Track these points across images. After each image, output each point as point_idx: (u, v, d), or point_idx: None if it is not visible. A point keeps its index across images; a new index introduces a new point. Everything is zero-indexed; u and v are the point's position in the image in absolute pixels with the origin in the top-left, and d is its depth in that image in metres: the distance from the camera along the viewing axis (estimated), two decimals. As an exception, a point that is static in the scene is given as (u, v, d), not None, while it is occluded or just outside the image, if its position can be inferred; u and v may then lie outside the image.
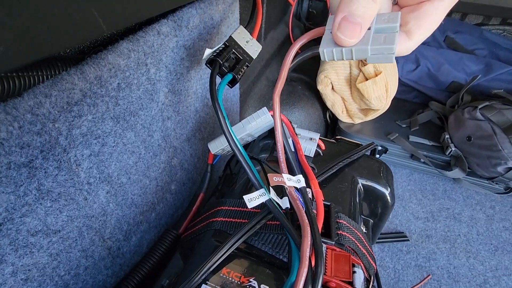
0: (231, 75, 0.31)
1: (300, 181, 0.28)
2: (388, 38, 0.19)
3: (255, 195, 0.26)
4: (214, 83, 0.29)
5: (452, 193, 0.82)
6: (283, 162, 0.28)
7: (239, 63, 0.32)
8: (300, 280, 0.20)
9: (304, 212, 0.25)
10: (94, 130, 0.24)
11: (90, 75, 0.22)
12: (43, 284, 0.22)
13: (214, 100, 0.28)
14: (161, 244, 0.34)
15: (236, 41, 0.33)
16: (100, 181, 0.26)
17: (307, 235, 0.23)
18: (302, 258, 0.21)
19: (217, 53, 0.31)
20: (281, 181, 0.26)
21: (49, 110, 0.19)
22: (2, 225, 0.18)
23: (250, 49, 0.34)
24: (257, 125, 0.35)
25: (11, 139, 0.17)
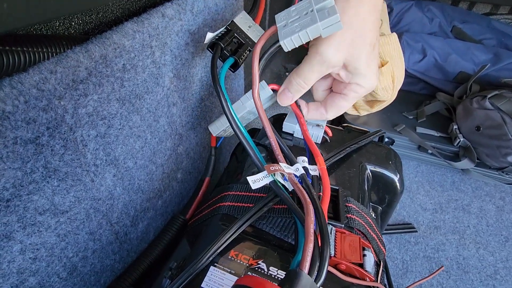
0: (232, 58, 0.31)
1: (299, 169, 0.28)
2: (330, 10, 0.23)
3: (258, 177, 0.26)
4: (215, 66, 0.29)
5: (461, 185, 0.81)
6: (279, 154, 0.29)
7: (241, 48, 0.32)
8: (307, 256, 0.20)
9: (306, 192, 0.25)
10: (100, 110, 0.24)
11: (95, 54, 0.22)
12: (51, 264, 0.22)
13: (215, 82, 0.28)
14: (169, 230, 0.33)
15: (238, 25, 0.33)
16: (107, 163, 0.26)
17: (310, 212, 0.23)
18: (307, 235, 0.21)
19: (219, 37, 0.31)
20: (279, 169, 0.27)
21: (54, 87, 0.19)
22: (10, 201, 0.18)
23: (253, 34, 0.34)
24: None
25: (17, 113, 0.17)
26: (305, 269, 0.19)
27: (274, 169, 0.27)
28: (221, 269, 0.25)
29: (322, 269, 0.20)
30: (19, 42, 0.18)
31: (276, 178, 0.27)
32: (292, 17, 0.25)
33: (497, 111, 0.73)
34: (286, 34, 0.25)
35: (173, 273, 0.26)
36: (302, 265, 0.19)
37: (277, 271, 0.25)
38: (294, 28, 0.24)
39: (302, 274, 0.19)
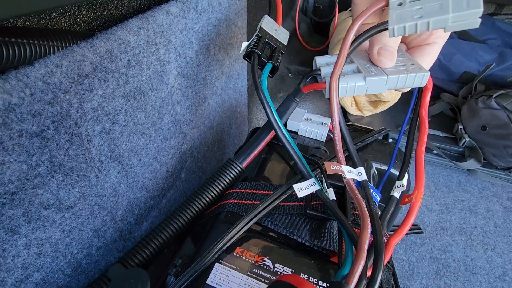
0: (271, 64, 0.31)
1: (361, 174, 0.25)
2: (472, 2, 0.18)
3: (304, 185, 0.26)
4: (256, 74, 0.29)
5: (467, 185, 0.80)
6: (340, 151, 0.25)
7: (274, 52, 0.32)
8: (356, 272, 0.19)
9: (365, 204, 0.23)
10: (105, 106, 0.24)
11: (100, 49, 0.22)
12: (56, 260, 0.22)
13: (258, 90, 0.27)
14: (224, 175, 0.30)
15: (267, 30, 0.33)
16: (111, 160, 0.26)
17: (367, 227, 0.21)
18: (360, 251, 0.20)
19: (253, 45, 0.31)
20: (339, 170, 0.24)
21: (60, 80, 0.19)
22: (15, 194, 0.18)
23: (281, 36, 0.34)
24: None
25: (22, 106, 0.17)
26: (351, 285, 0.18)
27: (334, 169, 0.24)
28: (227, 266, 0.25)
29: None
30: (25, 34, 0.18)
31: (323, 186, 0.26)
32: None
33: (503, 110, 0.72)
34: (402, 18, 0.19)
35: (178, 270, 0.26)
36: (349, 280, 0.18)
37: (282, 268, 0.25)
38: (414, 13, 0.19)
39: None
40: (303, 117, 0.41)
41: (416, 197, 0.25)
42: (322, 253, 0.27)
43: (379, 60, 0.24)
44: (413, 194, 0.26)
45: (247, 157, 0.33)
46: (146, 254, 0.25)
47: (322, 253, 0.27)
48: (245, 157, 0.33)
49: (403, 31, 0.19)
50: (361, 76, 0.24)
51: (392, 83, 0.24)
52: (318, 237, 0.27)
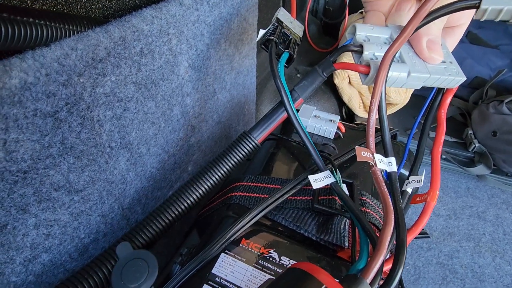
0: (287, 53, 0.31)
1: (392, 164, 0.23)
2: None
3: (320, 176, 0.25)
4: (274, 61, 0.28)
5: (476, 191, 0.79)
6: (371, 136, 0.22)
7: (290, 42, 0.32)
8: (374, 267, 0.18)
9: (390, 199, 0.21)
10: (117, 92, 0.24)
11: (114, 35, 0.22)
12: (64, 243, 0.22)
13: (276, 78, 0.26)
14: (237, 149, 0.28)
15: (283, 21, 0.33)
16: (121, 147, 0.26)
17: (390, 222, 0.20)
18: (381, 245, 0.18)
19: (270, 33, 0.31)
20: (369, 158, 0.22)
21: (75, 63, 0.19)
22: (27, 173, 0.18)
23: (296, 28, 0.34)
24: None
25: (38, 85, 0.17)
26: (368, 279, 0.18)
27: (365, 156, 0.22)
28: (232, 257, 0.24)
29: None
30: (42, 16, 0.18)
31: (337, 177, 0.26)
32: None
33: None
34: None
35: (184, 259, 0.26)
36: (366, 274, 0.18)
37: (288, 260, 0.25)
38: None
39: (363, 282, 0.17)
40: (311, 114, 0.41)
41: (432, 197, 0.25)
42: (329, 248, 0.26)
43: (430, 58, 0.22)
44: (428, 194, 0.25)
45: (262, 132, 0.29)
46: (154, 231, 0.24)
47: (328, 248, 0.26)
48: (260, 131, 0.29)
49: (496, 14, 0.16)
50: (406, 68, 0.21)
51: (430, 82, 0.22)
52: (326, 232, 0.27)
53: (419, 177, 0.29)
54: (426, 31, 0.22)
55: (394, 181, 0.24)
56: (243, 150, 0.28)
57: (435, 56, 0.22)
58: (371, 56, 0.22)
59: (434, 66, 0.22)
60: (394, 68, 0.22)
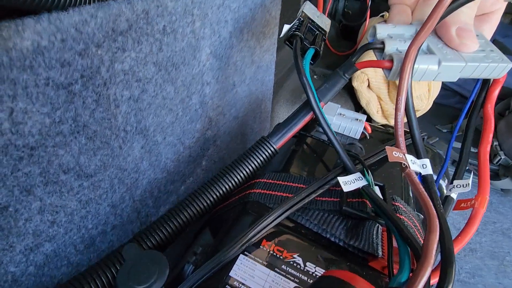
0: (313, 49, 0.29)
1: (426, 166, 0.22)
2: None
3: (350, 179, 0.23)
4: (299, 57, 0.26)
5: (500, 206, 0.74)
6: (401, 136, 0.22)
7: (316, 38, 0.30)
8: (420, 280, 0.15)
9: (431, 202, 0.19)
10: (136, 71, 0.22)
11: (137, 7, 0.20)
12: (69, 232, 0.20)
13: (301, 75, 0.25)
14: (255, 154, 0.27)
15: (309, 15, 0.31)
16: (137, 132, 0.24)
17: (435, 228, 0.17)
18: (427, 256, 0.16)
19: (295, 28, 0.29)
20: (402, 159, 0.21)
21: (93, 31, 0.17)
22: (34, 150, 0.16)
23: (322, 23, 0.32)
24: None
25: (52, 51, 0.15)
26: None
27: (397, 157, 0.21)
28: (252, 259, 0.22)
29: None
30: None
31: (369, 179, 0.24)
32: None
33: (546, 127, 0.67)
34: None
35: (198, 258, 0.23)
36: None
37: (314, 268, 0.22)
38: None
39: None
40: (336, 112, 0.39)
41: (481, 202, 0.22)
42: (359, 256, 0.24)
43: (462, 44, 0.21)
44: (475, 199, 0.22)
45: (282, 137, 0.28)
46: (164, 235, 0.22)
47: (358, 255, 0.24)
48: (280, 136, 0.28)
49: None
50: (435, 59, 0.20)
51: (469, 71, 0.20)
52: (355, 237, 0.24)
53: (465, 181, 0.26)
54: (454, 19, 0.21)
55: (431, 184, 0.22)
56: (261, 156, 0.27)
57: (467, 43, 0.20)
58: (394, 50, 0.21)
59: (471, 54, 0.20)
60: (422, 60, 0.20)
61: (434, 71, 0.20)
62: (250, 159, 0.26)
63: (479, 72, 0.20)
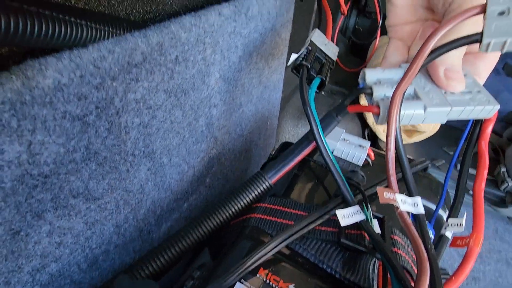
0: (319, 78, 0.30)
1: (418, 205, 0.22)
2: None
3: (348, 212, 0.23)
4: (305, 88, 0.27)
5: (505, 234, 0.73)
6: (392, 175, 0.22)
7: (323, 66, 0.31)
8: None
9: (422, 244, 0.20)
10: (147, 99, 0.23)
11: (152, 40, 0.21)
12: (74, 253, 0.21)
13: (306, 106, 0.25)
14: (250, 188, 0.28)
15: (317, 44, 0.32)
16: (144, 155, 0.25)
17: (426, 272, 0.18)
18: None
19: (302, 58, 0.30)
20: (393, 200, 0.21)
21: (110, 66, 0.19)
22: (48, 178, 0.17)
23: (330, 52, 0.33)
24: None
25: (71, 87, 0.16)
26: None
27: (388, 198, 0.21)
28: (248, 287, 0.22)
29: None
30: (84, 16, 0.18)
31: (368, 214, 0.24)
32: None
33: (555, 157, 0.66)
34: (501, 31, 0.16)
35: (195, 283, 0.24)
36: None
37: (310, 300, 0.22)
38: None
39: None
40: (340, 137, 0.39)
41: (475, 241, 0.22)
42: (354, 290, 0.24)
43: (448, 85, 0.21)
44: (470, 238, 0.22)
45: (277, 173, 0.30)
46: (157, 265, 0.23)
47: (354, 289, 0.24)
48: (275, 172, 0.30)
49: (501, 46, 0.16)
50: (421, 105, 0.21)
51: (455, 114, 0.21)
52: (352, 271, 0.24)
53: (459, 220, 0.27)
54: (442, 61, 0.21)
55: (422, 223, 0.22)
56: (255, 191, 0.28)
57: (453, 84, 0.21)
58: (381, 96, 0.22)
59: (457, 97, 0.21)
60: (408, 106, 0.21)
61: (421, 116, 0.21)
62: (245, 193, 0.28)
63: (466, 115, 0.21)
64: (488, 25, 0.16)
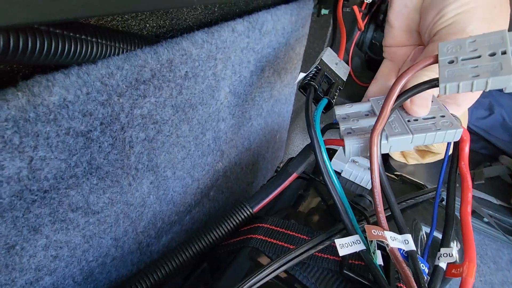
0: (326, 99, 0.29)
1: (408, 242, 0.22)
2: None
3: (348, 241, 0.22)
4: (310, 109, 0.26)
5: (520, 266, 0.69)
6: (381, 212, 0.22)
7: (332, 87, 0.30)
8: None
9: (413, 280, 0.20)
10: (154, 114, 0.23)
11: (162, 57, 0.21)
12: (69, 266, 0.21)
13: (310, 128, 0.25)
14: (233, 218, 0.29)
15: (327, 63, 0.31)
16: (147, 169, 0.25)
17: None
18: None
19: (310, 77, 0.29)
20: (382, 237, 0.21)
21: (118, 83, 0.18)
22: (47, 193, 0.17)
23: (340, 71, 0.32)
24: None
25: (76, 104, 0.16)
26: None
27: (376, 235, 0.21)
28: (244, 313, 0.22)
29: None
30: (95, 33, 0.18)
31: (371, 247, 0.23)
32: (467, 54, 0.18)
33: None
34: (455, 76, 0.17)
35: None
36: None
37: (306, 332, 0.21)
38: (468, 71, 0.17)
39: None
40: (349, 158, 0.38)
41: (468, 271, 0.21)
42: (354, 325, 0.23)
43: (411, 109, 0.22)
44: (463, 266, 0.21)
45: (259, 202, 0.31)
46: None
47: (353, 324, 0.23)
48: (259, 201, 0.31)
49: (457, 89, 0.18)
50: (384, 134, 0.21)
51: (419, 141, 0.21)
52: (352, 305, 0.23)
53: (450, 250, 0.25)
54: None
55: (415, 260, 0.22)
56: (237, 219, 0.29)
57: (416, 109, 0.22)
58: (348, 130, 0.23)
59: (419, 124, 0.21)
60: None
61: (385, 144, 0.21)
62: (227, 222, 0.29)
63: (430, 140, 0.21)
64: (441, 72, 0.18)
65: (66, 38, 0.16)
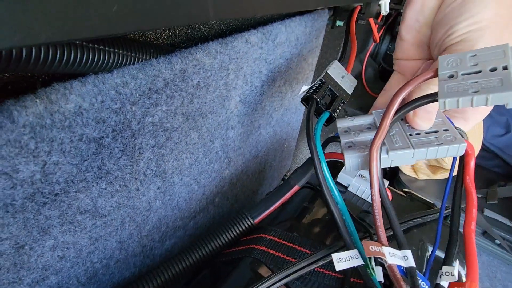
0: (328, 113, 0.29)
1: (408, 258, 0.21)
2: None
3: (345, 256, 0.22)
4: (311, 122, 0.26)
5: (532, 293, 0.67)
6: (380, 227, 0.22)
7: (335, 100, 0.30)
8: None
9: None
10: (164, 122, 0.23)
11: (176, 67, 0.22)
12: (75, 266, 0.21)
13: (310, 141, 0.24)
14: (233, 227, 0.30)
15: (332, 77, 0.31)
16: (155, 175, 0.25)
17: None
18: None
19: (313, 90, 0.29)
20: (380, 253, 0.21)
21: (131, 92, 0.19)
22: (58, 196, 0.17)
23: (346, 85, 0.32)
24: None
25: (90, 112, 0.17)
26: None
27: (374, 251, 0.21)
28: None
29: None
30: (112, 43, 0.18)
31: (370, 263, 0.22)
32: (467, 68, 0.17)
33: None
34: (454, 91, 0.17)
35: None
36: None
37: None
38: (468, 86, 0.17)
39: None
40: (356, 172, 0.38)
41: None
42: None
43: (414, 122, 0.21)
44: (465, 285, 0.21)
45: (260, 214, 0.31)
46: None
47: None
48: (258, 213, 0.31)
49: (456, 104, 0.17)
50: (384, 149, 0.21)
51: (420, 156, 0.21)
52: (352, 325, 0.23)
53: (451, 269, 0.24)
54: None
55: (414, 277, 0.21)
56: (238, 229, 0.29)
57: (419, 122, 0.21)
58: (349, 144, 0.23)
59: (421, 138, 0.21)
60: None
61: (386, 159, 0.21)
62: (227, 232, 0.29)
63: (432, 155, 0.20)
64: (441, 86, 0.18)
65: (85, 48, 0.16)
